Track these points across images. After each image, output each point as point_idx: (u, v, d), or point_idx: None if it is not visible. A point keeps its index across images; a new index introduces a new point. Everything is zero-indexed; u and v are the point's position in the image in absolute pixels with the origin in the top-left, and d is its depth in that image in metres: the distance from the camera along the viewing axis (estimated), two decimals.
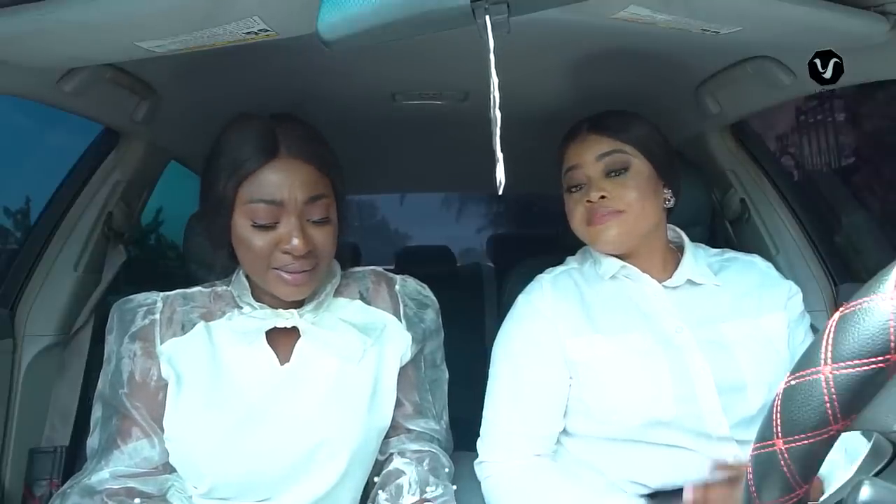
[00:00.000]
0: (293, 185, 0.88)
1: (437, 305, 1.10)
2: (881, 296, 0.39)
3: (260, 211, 0.88)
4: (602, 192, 0.98)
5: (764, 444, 0.43)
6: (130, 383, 0.93)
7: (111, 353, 0.96)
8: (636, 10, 0.79)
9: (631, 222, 0.99)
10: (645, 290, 1.03)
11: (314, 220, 0.91)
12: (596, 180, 1.00)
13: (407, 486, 0.93)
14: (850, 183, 2.74)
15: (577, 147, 1.04)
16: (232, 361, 0.95)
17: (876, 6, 0.85)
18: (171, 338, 0.95)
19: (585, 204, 1.00)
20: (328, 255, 0.94)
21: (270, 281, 0.91)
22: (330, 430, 0.92)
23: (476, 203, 6.40)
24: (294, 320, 0.97)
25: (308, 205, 0.90)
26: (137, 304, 0.99)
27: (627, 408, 0.94)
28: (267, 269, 0.90)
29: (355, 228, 4.94)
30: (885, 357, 0.38)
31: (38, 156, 2.32)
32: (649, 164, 1.01)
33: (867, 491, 0.41)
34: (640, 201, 0.98)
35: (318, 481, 0.92)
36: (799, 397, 0.41)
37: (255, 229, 0.89)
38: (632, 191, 0.98)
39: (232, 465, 0.89)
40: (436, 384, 1.08)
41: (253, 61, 1.08)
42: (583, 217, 1.02)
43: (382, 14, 0.63)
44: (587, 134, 1.04)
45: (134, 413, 0.92)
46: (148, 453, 0.91)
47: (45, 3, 0.73)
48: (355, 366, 0.96)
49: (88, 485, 0.88)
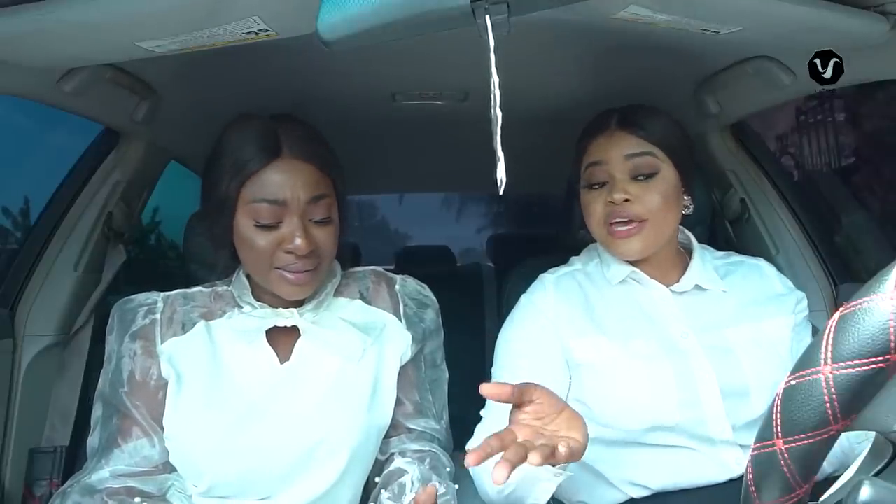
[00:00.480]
0: (296, 185, 0.89)
1: (436, 305, 1.10)
2: (881, 296, 0.39)
3: (263, 211, 0.89)
4: (626, 194, 0.94)
5: (764, 445, 0.43)
6: (130, 382, 0.93)
7: (111, 352, 0.96)
8: (636, 10, 0.79)
9: (654, 233, 0.96)
10: (652, 295, 1.02)
11: (316, 220, 0.91)
12: (620, 181, 0.96)
13: (410, 484, 0.92)
14: (850, 183, 2.74)
15: (604, 142, 0.99)
16: (232, 360, 0.95)
17: (876, 6, 0.84)
18: (172, 337, 0.96)
19: (606, 204, 0.96)
20: (330, 254, 0.95)
21: (273, 280, 0.92)
22: (329, 429, 0.92)
23: (476, 203, 6.39)
24: (294, 319, 0.97)
25: (310, 204, 0.90)
26: (138, 303, 0.99)
27: (630, 412, 0.94)
28: (269, 268, 0.91)
29: (355, 228, 4.93)
30: (885, 357, 0.38)
31: (38, 156, 2.32)
32: (676, 172, 0.98)
33: (867, 491, 0.41)
34: (663, 209, 0.95)
35: (317, 480, 0.92)
36: (799, 397, 0.41)
37: (258, 229, 0.89)
38: (657, 197, 0.94)
39: (231, 464, 0.90)
40: (436, 384, 1.08)
41: (253, 61, 1.08)
42: (602, 218, 0.98)
43: (382, 14, 0.63)
44: (616, 129, 0.99)
45: (134, 412, 0.92)
46: (148, 452, 0.91)
47: (45, 3, 0.73)
48: (355, 365, 0.96)
49: (89, 483, 0.88)
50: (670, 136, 0.99)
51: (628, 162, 0.96)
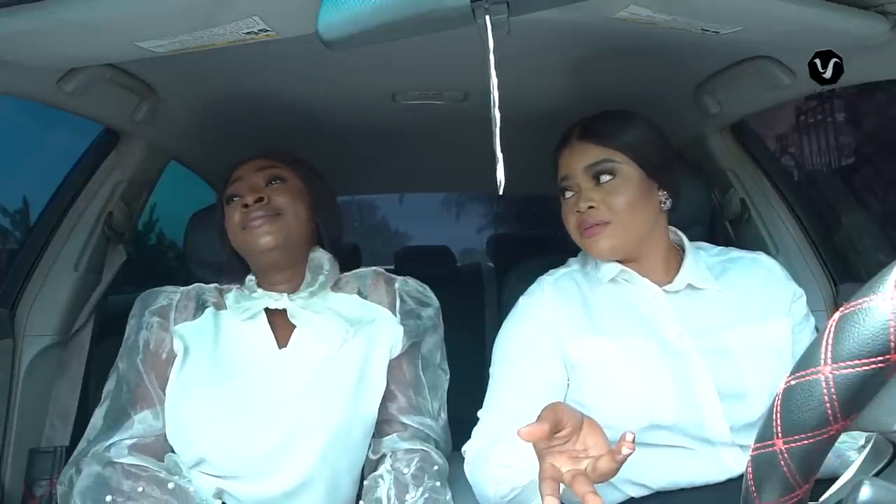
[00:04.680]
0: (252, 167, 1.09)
1: (437, 305, 1.12)
2: (881, 296, 0.39)
3: (229, 190, 1.07)
4: (590, 202, 0.98)
5: (764, 445, 0.43)
6: (146, 350, 1.03)
7: (131, 330, 1.06)
8: (636, 10, 0.79)
9: (621, 231, 0.98)
10: (645, 295, 1.02)
11: (266, 182, 1.07)
12: (585, 190, 0.99)
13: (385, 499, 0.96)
14: (850, 183, 2.74)
15: (567, 155, 1.03)
16: (234, 343, 1.03)
17: (876, 6, 0.85)
18: (184, 321, 1.05)
19: (576, 213, 1.00)
20: (291, 211, 1.05)
21: (246, 240, 1.03)
22: (308, 413, 0.97)
23: (476, 203, 6.38)
24: (283, 302, 1.05)
25: (259, 172, 1.07)
26: (160, 291, 1.11)
27: (628, 411, 0.94)
28: (241, 231, 1.04)
29: (355, 228, 4.94)
30: (885, 357, 0.38)
31: (38, 156, 2.31)
32: (639, 169, 1.00)
33: (867, 491, 0.41)
34: (628, 208, 0.97)
35: (297, 463, 0.96)
36: (799, 397, 0.41)
37: (228, 206, 1.07)
38: (620, 198, 0.97)
39: (221, 439, 0.95)
40: (434, 383, 1.09)
41: (253, 61, 1.08)
42: (575, 225, 1.01)
43: (382, 14, 0.63)
44: (576, 141, 1.03)
45: (146, 380, 1.01)
46: (153, 422, 0.99)
47: (45, 3, 0.73)
48: (340, 353, 1.01)
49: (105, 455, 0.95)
50: (629, 137, 1.00)
51: (589, 172, 1.00)
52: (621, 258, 1.02)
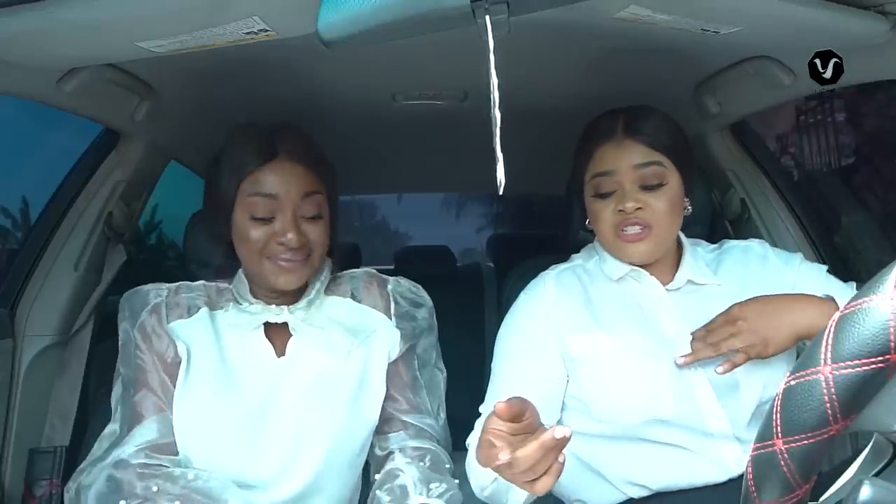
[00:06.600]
0: (289, 182, 0.96)
1: (430, 304, 1.11)
2: (881, 296, 0.39)
3: (258, 204, 0.96)
4: (638, 203, 0.96)
5: (764, 445, 0.43)
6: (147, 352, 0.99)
7: (125, 333, 1.01)
8: (636, 10, 0.79)
9: (660, 238, 0.98)
10: (650, 293, 1.02)
11: (307, 217, 0.98)
12: (630, 190, 0.97)
13: (412, 485, 0.95)
14: (850, 183, 2.74)
15: (611, 151, 0.99)
16: (235, 352, 1.00)
17: (876, 6, 0.85)
18: (177, 319, 1.01)
19: (616, 212, 0.97)
20: (320, 248, 1.00)
21: (266, 269, 0.97)
22: (311, 422, 0.97)
23: (476, 203, 6.38)
24: (284, 316, 1.01)
25: (302, 200, 0.97)
26: (145, 291, 1.05)
27: (627, 405, 0.95)
28: (262, 258, 0.97)
29: (355, 228, 4.94)
30: (885, 357, 0.38)
31: (38, 156, 2.31)
32: (680, 179, 0.99)
33: (867, 491, 0.41)
34: (669, 216, 0.97)
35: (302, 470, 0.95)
36: (799, 397, 0.41)
37: (254, 222, 0.96)
38: (665, 205, 0.96)
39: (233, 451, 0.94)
40: (431, 383, 1.09)
41: (253, 61, 1.08)
42: (612, 225, 0.98)
43: (382, 14, 0.63)
44: (623, 137, 0.99)
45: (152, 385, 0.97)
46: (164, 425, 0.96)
47: (45, 3, 0.73)
48: (341, 362, 1.01)
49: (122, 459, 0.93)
50: (675, 142, 1.00)
51: (637, 172, 0.97)
52: (649, 262, 1.01)
